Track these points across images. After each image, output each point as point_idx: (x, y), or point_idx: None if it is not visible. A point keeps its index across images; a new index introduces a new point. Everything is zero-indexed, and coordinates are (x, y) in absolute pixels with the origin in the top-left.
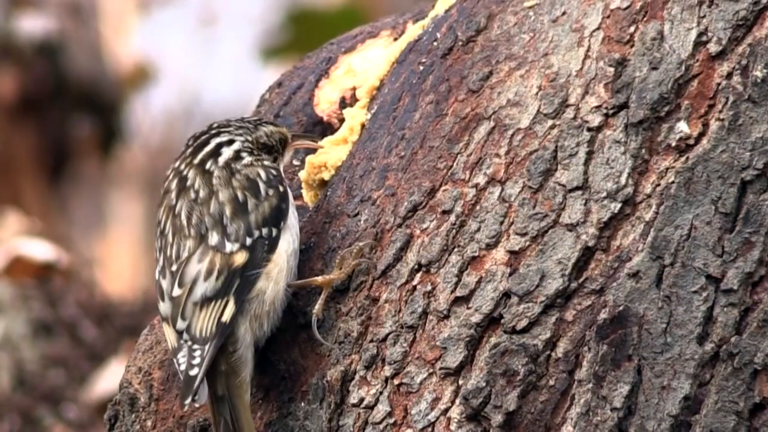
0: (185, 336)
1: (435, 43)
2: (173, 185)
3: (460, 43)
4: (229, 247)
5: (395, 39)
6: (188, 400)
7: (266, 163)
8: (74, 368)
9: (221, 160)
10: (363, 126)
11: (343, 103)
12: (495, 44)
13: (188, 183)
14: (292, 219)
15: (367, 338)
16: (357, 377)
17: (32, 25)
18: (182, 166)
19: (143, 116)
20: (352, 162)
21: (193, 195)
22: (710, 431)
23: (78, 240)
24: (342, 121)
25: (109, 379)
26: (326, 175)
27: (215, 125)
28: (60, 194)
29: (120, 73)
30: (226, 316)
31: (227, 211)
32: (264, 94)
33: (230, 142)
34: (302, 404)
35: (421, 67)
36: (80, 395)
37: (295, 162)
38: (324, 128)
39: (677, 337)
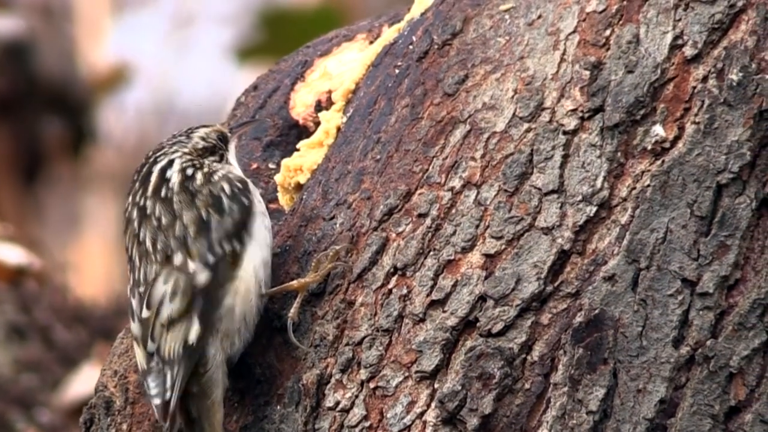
0: (156, 359)
1: (411, 47)
2: (134, 215)
3: (436, 46)
4: (192, 266)
5: (371, 42)
6: (166, 425)
7: (230, 175)
8: (47, 372)
9: (174, 185)
10: (338, 129)
11: (319, 107)
12: (471, 48)
13: (148, 212)
14: (260, 230)
15: (343, 342)
16: (333, 380)
17: (2, 26)
18: (138, 199)
19: (117, 118)
20: (328, 165)
21: (155, 222)
22: None
23: (51, 243)
24: (318, 124)
25: (82, 383)
26: (302, 179)
27: (150, 153)
28: (34, 197)
29: (93, 74)
30: (192, 338)
31: (191, 232)
32: (239, 97)
33: (170, 163)
34: (278, 408)
35: (397, 71)
36: (53, 399)
37: (271, 165)
38: (300, 131)
39: (653, 341)
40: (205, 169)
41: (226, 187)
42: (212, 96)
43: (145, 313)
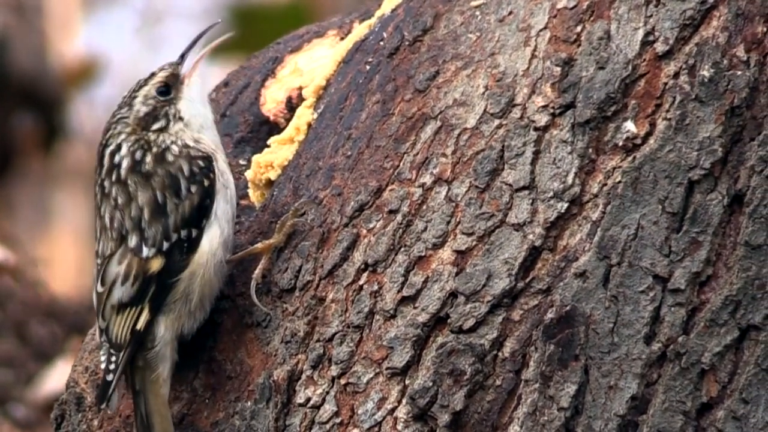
0: (104, 337)
1: (381, 43)
2: (96, 190)
3: (407, 42)
4: (146, 251)
5: (342, 38)
6: (103, 405)
7: (192, 153)
8: (21, 368)
9: (124, 171)
10: (309, 125)
11: (290, 103)
12: (442, 44)
13: (106, 191)
14: (221, 208)
15: (314, 338)
16: (303, 377)
17: None
18: (96, 178)
19: (88, 113)
20: (299, 161)
21: (113, 202)
22: (657, 431)
23: (23, 238)
24: (288, 120)
25: (56, 378)
26: (272, 175)
27: (104, 136)
28: (6, 192)
29: (64, 70)
30: (141, 324)
31: (146, 214)
32: (210, 93)
33: (118, 148)
34: (249, 404)
35: (368, 67)
36: (27, 395)
37: (242, 161)
38: (270, 128)
39: (624, 337)
40: (154, 149)
41: (185, 166)
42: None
43: (99, 288)
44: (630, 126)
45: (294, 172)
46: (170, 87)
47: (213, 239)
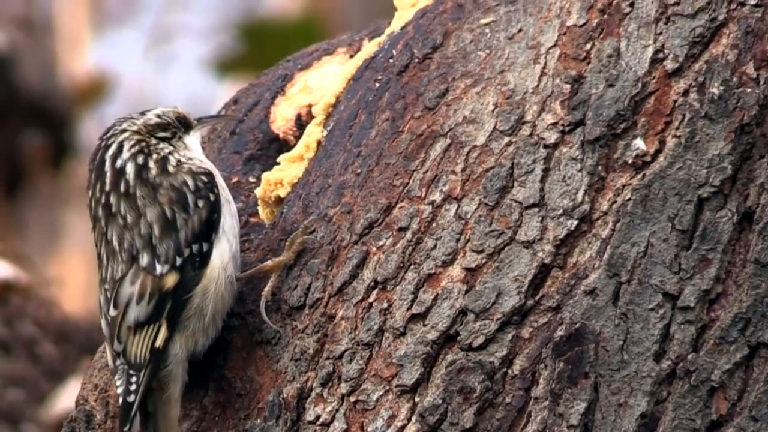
0: (121, 359)
1: (391, 60)
2: (100, 213)
3: (417, 60)
4: (159, 269)
5: (351, 56)
6: (126, 427)
7: (192, 165)
8: (33, 387)
9: (130, 177)
10: (319, 143)
11: (300, 120)
12: (451, 61)
13: (113, 210)
14: (227, 223)
15: (324, 355)
16: (313, 394)
17: None
18: (99, 195)
19: (97, 132)
20: (309, 179)
21: (121, 221)
22: None
23: (34, 257)
24: (298, 138)
25: (68, 397)
26: (282, 192)
27: (102, 134)
28: (16, 211)
29: (73, 87)
30: (159, 341)
31: (156, 231)
32: (220, 110)
33: (120, 148)
34: (258, 421)
35: (378, 84)
36: (39, 414)
37: (251, 179)
38: (280, 145)
39: (634, 355)
40: (154, 155)
41: (190, 181)
42: (192, 109)
43: (113, 312)
44: (640, 143)
45: (304, 189)
46: (185, 120)
47: (223, 254)
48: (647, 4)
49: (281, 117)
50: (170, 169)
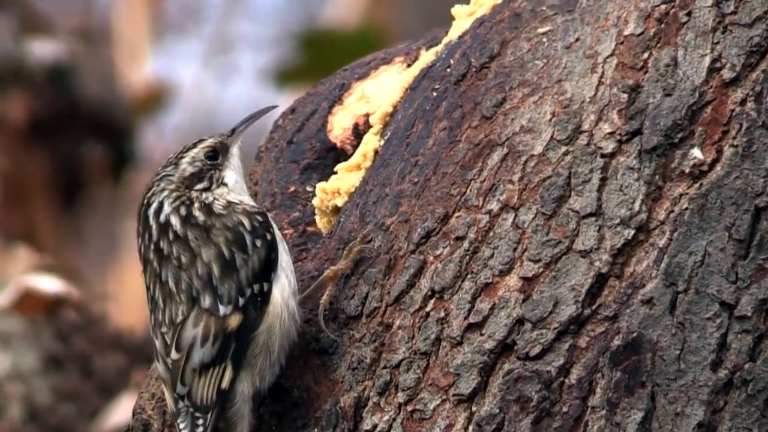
0: (185, 401)
1: (448, 70)
2: (151, 255)
3: (474, 69)
4: (223, 309)
5: (408, 65)
6: None
7: (248, 208)
8: (85, 402)
9: (177, 226)
10: (376, 152)
11: (357, 130)
12: (508, 70)
13: (166, 252)
14: (284, 260)
15: (381, 364)
16: (370, 403)
17: (43, 49)
18: (148, 242)
19: (156, 141)
20: (366, 188)
21: (175, 262)
22: None
23: (90, 268)
24: (355, 147)
25: (120, 412)
26: (339, 202)
27: (145, 194)
28: (74, 223)
29: (132, 97)
30: (226, 382)
31: (215, 271)
32: (277, 120)
33: (160, 206)
34: (315, 431)
35: (435, 94)
36: (92, 429)
37: (309, 188)
38: (337, 154)
39: (691, 364)
40: (197, 204)
41: (245, 221)
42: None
43: (174, 356)
44: (697, 153)
45: (361, 198)
46: (218, 153)
47: (284, 290)
48: (704, 14)
49: (338, 126)
50: (219, 210)
